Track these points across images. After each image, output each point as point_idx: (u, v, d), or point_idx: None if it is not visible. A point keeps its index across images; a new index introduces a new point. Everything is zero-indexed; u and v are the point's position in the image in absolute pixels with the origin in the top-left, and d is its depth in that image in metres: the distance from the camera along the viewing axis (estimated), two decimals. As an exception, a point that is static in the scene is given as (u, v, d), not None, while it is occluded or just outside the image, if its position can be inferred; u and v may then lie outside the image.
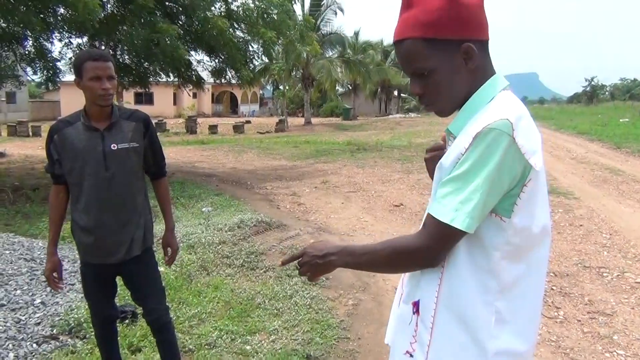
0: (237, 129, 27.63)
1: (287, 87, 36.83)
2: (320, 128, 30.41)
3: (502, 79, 1.28)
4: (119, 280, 2.72)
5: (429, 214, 1.22)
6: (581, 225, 6.53)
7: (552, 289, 4.47)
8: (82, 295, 3.07)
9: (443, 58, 1.21)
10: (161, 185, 2.77)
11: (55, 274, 2.54)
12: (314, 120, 37.01)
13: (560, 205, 7.72)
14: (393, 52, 50.33)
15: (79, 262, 2.97)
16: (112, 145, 2.40)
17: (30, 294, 3.96)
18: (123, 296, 3.74)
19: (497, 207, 1.18)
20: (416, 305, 1.31)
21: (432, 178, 1.46)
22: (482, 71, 1.26)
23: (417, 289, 1.32)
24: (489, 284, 1.21)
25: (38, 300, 3.87)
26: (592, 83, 76.46)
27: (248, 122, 34.28)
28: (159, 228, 6.09)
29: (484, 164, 1.13)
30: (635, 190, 8.91)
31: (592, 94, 74.65)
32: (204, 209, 7.27)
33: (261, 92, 55.42)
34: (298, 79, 35.34)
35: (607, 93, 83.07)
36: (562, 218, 6.92)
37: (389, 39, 57.51)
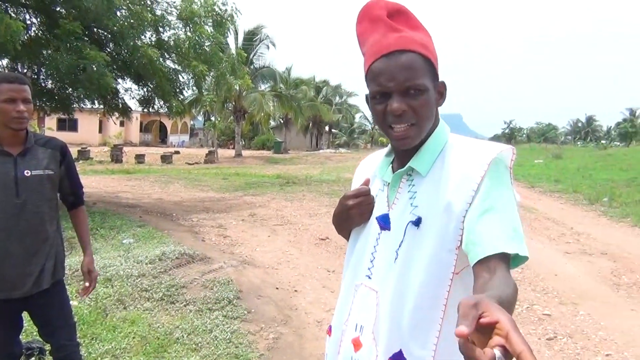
0: (165, 159, 27.09)
1: (218, 119, 36.67)
2: (250, 160, 30.38)
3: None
4: (25, 315, 2.59)
5: (498, 255, 1.05)
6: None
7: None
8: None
9: (431, 84, 1.21)
10: (79, 214, 2.69)
11: None
12: (245, 152, 36.90)
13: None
14: (325, 88, 51.66)
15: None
16: (25, 172, 2.32)
17: None
18: (30, 331, 3.55)
19: None
20: (398, 356, 1.20)
21: (347, 227, 1.41)
22: (438, 114, 1.28)
23: (397, 339, 1.21)
24: None
25: None
26: (511, 125, 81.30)
27: (177, 152, 33.68)
28: (73, 260, 5.85)
29: (509, 190, 1.15)
30: (545, 227, 9.47)
31: (510, 136, 79.23)
32: (124, 241, 7.04)
33: (192, 122, 54.78)
34: (230, 111, 35.27)
35: (524, 135, 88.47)
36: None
37: (320, 76, 58.95)
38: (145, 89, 11.86)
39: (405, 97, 1.18)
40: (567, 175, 19.24)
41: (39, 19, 10.39)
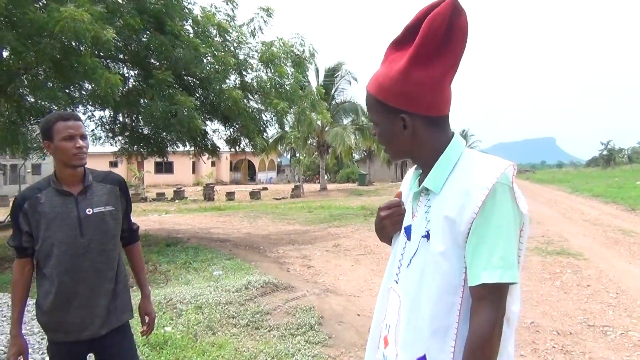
0: (254, 195, 28.07)
1: (303, 155, 37.55)
2: (335, 193, 30.73)
3: (461, 139, 1.40)
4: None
5: (480, 285, 1.23)
6: (588, 286, 6.52)
7: (553, 347, 4.48)
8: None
9: (385, 118, 1.39)
10: (135, 251, 2.58)
11: (21, 359, 2.26)
12: (330, 186, 37.44)
13: (569, 266, 7.72)
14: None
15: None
16: (87, 210, 2.25)
17: (41, 352, 4.11)
18: None
19: None
20: None
21: (383, 235, 1.58)
22: (427, 139, 1.37)
23: (420, 345, 1.33)
24: (504, 331, 1.28)
25: None
26: (609, 147, 76.46)
27: (265, 188, 34.82)
28: (168, 291, 6.26)
29: (506, 216, 1.24)
30: (647, 250, 8.86)
31: (609, 157, 74.44)
32: (215, 273, 7.42)
33: (279, 159, 56.42)
34: (314, 146, 36.07)
35: (625, 156, 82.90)
36: (569, 278, 6.92)
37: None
38: (231, 129, 12.54)
39: (374, 125, 1.46)
40: (672, 196, 17.83)
41: (135, 71, 11.37)
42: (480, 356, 1.23)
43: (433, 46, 1.28)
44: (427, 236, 1.34)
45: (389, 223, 1.52)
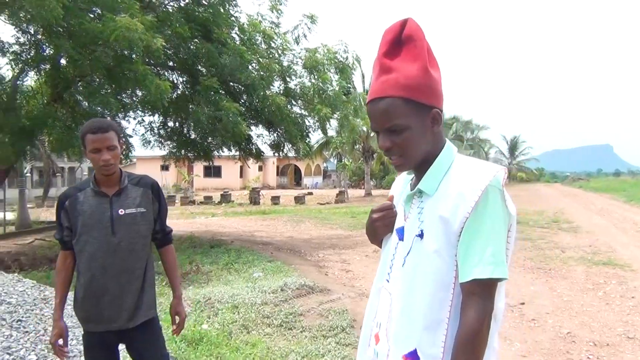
0: (298, 200, 28.32)
1: (349, 160, 37.60)
2: (380, 199, 30.61)
3: (452, 145, 1.50)
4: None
5: (471, 281, 1.29)
6: (633, 297, 6.32)
7: (588, 357, 4.40)
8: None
9: (416, 118, 1.38)
10: (168, 252, 2.69)
11: (60, 341, 2.44)
12: (375, 192, 37.31)
13: (614, 276, 7.50)
14: (455, 124, 50.69)
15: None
16: (119, 211, 2.40)
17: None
18: None
19: None
20: (413, 355, 1.38)
21: (375, 237, 1.63)
22: (440, 135, 1.45)
23: (412, 339, 1.38)
24: (492, 327, 1.33)
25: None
26: (670, 154, 72.89)
27: (310, 193, 35.03)
28: (207, 290, 6.47)
29: (497, 216, 1.31)
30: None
31: (670, 165, 70.94)
32: (254, 274, 7.60)
33: (325, 164, 56.68)
34: (359, 152, 36.09)
35: (688, 164, 78.82)
36: (613, 289, 6.73)
37: (451, 112, 58.09)
38: (275, 134, 12.79)
39: (390, 135, 1.41)
40: None
41: (184, 78, 11.77)
42: (470, 349, 1.29)
43: (429, 49, 1.40)
44: (421, 235, 1.40)
45: (381, 225, 1.58)
